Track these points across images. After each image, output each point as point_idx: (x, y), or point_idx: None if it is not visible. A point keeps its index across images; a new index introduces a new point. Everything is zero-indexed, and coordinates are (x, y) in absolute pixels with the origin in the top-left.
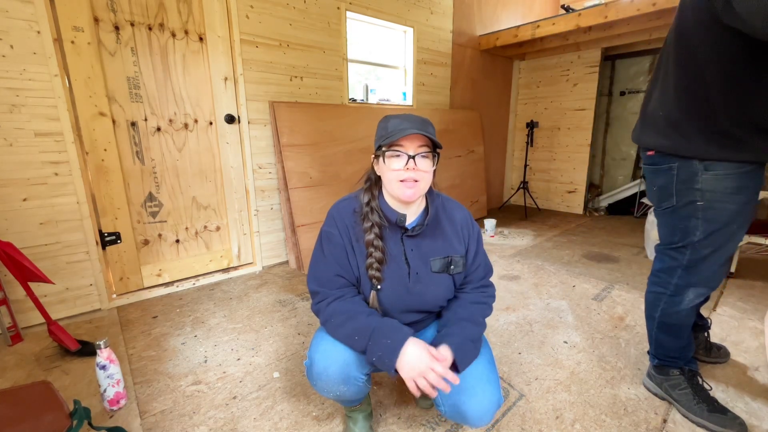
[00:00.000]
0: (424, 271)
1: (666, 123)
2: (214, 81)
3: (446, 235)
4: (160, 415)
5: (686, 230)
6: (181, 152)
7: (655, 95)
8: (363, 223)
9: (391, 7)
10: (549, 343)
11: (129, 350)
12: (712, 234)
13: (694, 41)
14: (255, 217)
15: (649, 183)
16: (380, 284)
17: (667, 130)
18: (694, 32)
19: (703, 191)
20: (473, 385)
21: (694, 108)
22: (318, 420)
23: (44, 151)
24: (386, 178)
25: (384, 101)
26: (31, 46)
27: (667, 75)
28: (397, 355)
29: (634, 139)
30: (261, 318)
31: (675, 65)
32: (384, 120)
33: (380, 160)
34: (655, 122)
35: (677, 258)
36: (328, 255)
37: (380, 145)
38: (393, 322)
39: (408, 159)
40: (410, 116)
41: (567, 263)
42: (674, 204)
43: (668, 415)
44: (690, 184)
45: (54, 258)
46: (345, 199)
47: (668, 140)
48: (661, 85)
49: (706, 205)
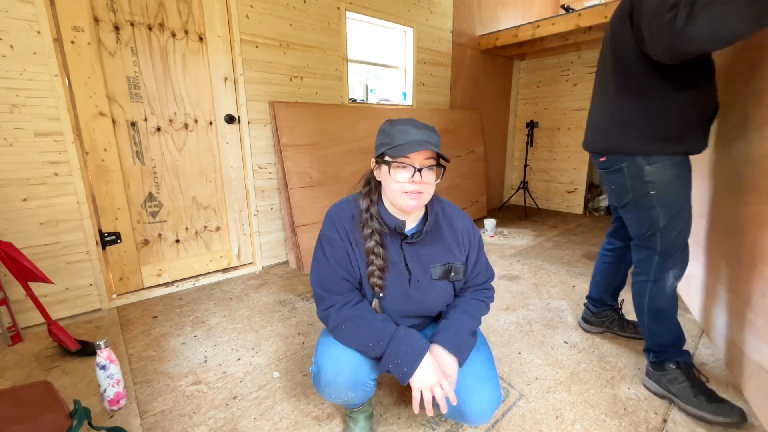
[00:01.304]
0: (424, 278)
1: (612, 127)
2: (214, 81)
3: (446, 242)
4: (160, 415)
5: (651, 220)
6: (181, 152)
7: (600, 104)
8: (363, 229)
9: (391, 7)
10: (549, 343)
11: (129, 350)
12: (673, 218)
13: (628, 53)
14: (255, 217)
15: (607, 186)
16: (382, 292)
17: (613, 133)
18: (626, 45)
19: (653, 182)
20: (473, 384)
21: (634, 112)
22: (318, 420)
23: (44, 151)
24: (389, 187)
25: (384, 101)
26: (31, 46)
27: (606, 83)
28: (417, 365)
29: (587, 147)
30: (261, 318)
31: (613, 75)
32: (387, 125)
33: (383, 168)
34: (603, 128)
35: (651, 246)
36: (331, 258)
37: (383, 152)
38: (411, 331)
39: (414, 172)
40: (415, 123)
41: (567, 263)
42: (631, 198)
43: (668, 414)
44: (640, 179)
45: (54, 258)
46: (343, 202)
47: (615, 143)
48: (604, 94)
49: (659, 194)
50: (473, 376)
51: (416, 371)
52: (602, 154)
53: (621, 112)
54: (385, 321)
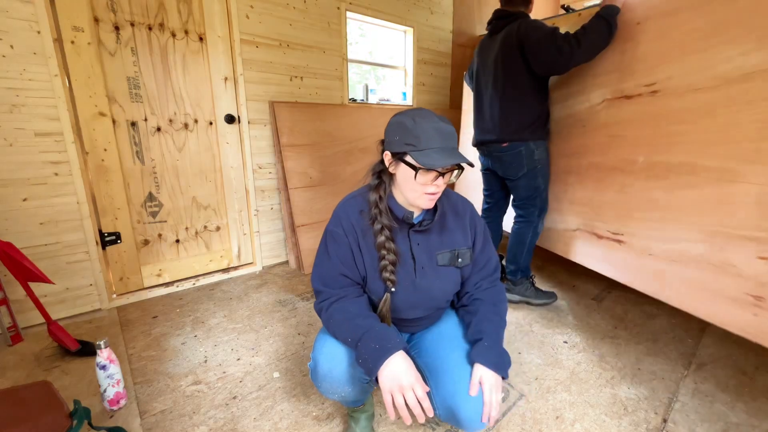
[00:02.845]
0: (429, 265)
1: (513, 122)
2: (214, 81)
3: (451, 228)
4: (160, 415)
5: (536, 186)
6: (181, 152)
7: (493, 108)
8: (373, 225)
9: (391, 7)
10: (549, 343)
11: (129, 350)
12: (547, 184)
13: (516, 72)
14: (255, 217)
15: (504, 163)
16: (395, 286)
17: (515, 126)
18: (515, 66)
19: (539, 159)
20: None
21: (522, 112)
22: (318, 420)
23: (44, 151)
24: (407, 186)
25: (384, 101)
26: (31, 46)
27: (497, 93)
28: (382, 362)
29: (484, 139)
30: (261, 318)
31: (504, 87)
32: (410, 121)
33: (401, 166)
34: (506, 123)
35: (534, 204)
36: (333, 254)
37: (405, 151)
38: (387, 329)
39: (438, 176)
40: (438, 124)
41: (567, 263)
42: (525, 171)
43: (668, 414)
44: (531, 157)
45: (54, 258)
46: (351, 197)
47: (517, 133)
48: (495, 100)
49: (541, 167)
50: (469, 382)
51: (383, 369)
52: (503, 141)
53: (513, 112)
54: (366, 317)
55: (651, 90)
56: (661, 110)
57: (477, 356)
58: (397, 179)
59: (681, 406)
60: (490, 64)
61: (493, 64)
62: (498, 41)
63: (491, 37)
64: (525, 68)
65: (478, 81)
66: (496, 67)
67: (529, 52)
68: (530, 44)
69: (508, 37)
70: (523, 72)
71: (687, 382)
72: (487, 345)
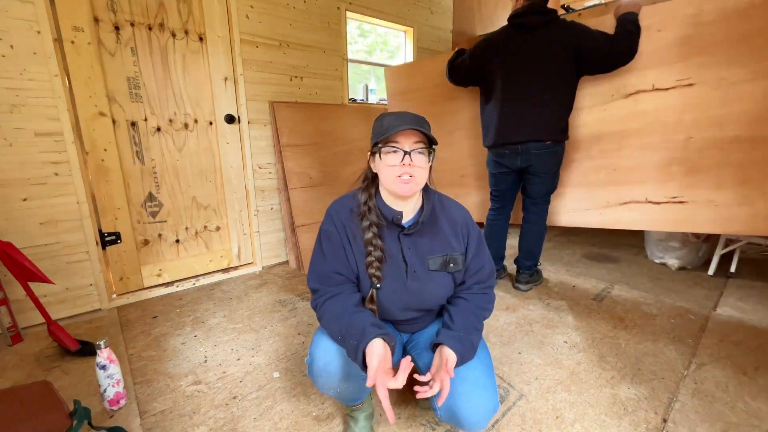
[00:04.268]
0: (421, 269)
1: (562, 121)
2: (214, 81)
3: (444, 233)
4: (160, 415)
5: (554, 182)
6: (181, 152)
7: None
8: (361, 222)
9: (391, 7)
10: (549, 343)
11: (129, 350)
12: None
13: (567, 67)
14: (255, 217)
15: (542, 161)
16: (380, 283)
17: (562, 126)
18: (567, 61)
19: (560, 158)
20: (469, 391)
21: (566, 110)
22: (318, 420)
23: (44, 151)
24: (383, 174)
25: (384, 101)
26: (31, 46)
27: (549, 87)
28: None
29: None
30: (261, 318)
31: (562, 81)
32: (379, 118)
33: (376, 157)
34: (557, 122)
35: (548, 200)
36: (327, 252)
37: (376, 141)
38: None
39: (404, 155)
40: (405, 114)
41: (567, 263)
42: (555, 169)
43: (668, 414)
44: (561, 156)
45: (54, 258)
46: (343, 197)
47: (563, 133)
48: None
49: (560, 166)
50: (470, 382)
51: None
52: (548, 140)
53: (563, 112)
54: (353, 313)
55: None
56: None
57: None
58: (378, 173)
59: (681, 406)
60: (530, 61)
61: (536, 62)
62: (540, 39)
63: (524, 33)
64: (576, 69)
65: (502, 78)
66: (540, 64)
67: (594, 53)
68: (591, 50)
69: (559, 37)
70: (573, 73)
71: (687, 382)
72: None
